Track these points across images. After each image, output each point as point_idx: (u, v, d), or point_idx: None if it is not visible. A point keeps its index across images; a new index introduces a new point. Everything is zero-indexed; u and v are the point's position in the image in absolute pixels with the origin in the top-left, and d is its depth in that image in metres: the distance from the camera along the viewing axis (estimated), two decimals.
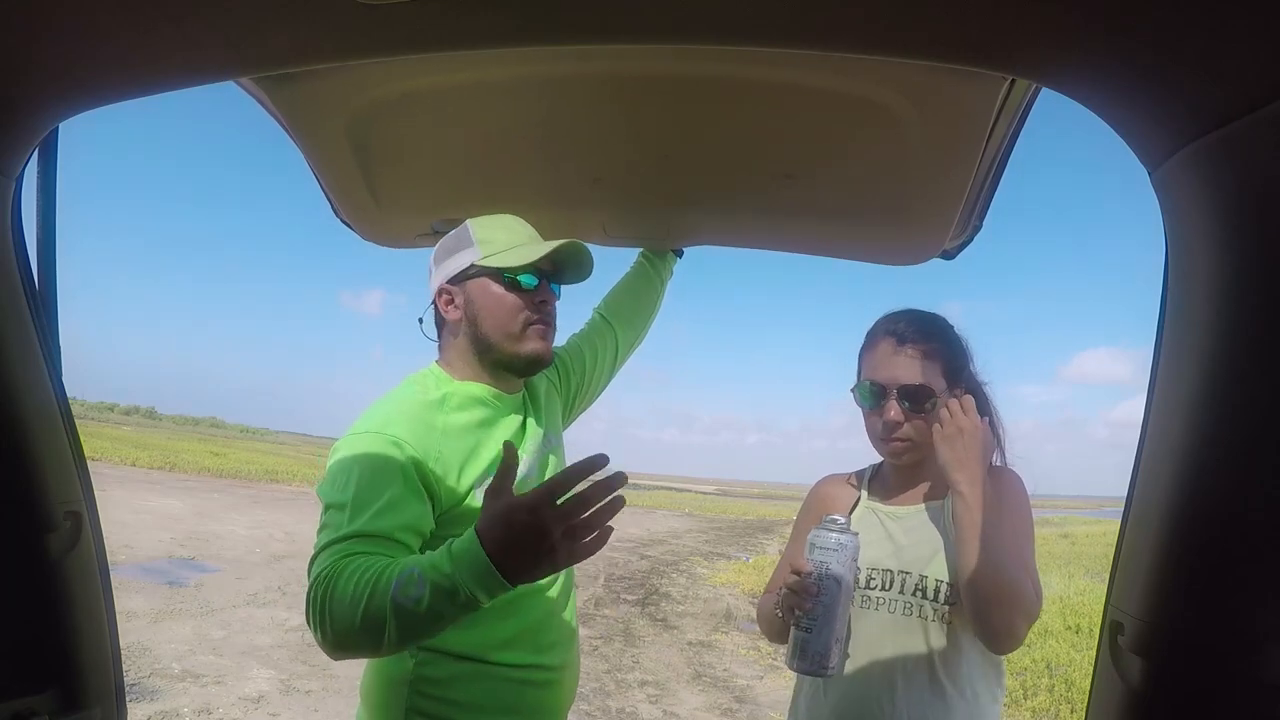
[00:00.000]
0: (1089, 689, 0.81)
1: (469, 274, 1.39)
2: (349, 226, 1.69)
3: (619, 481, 1.03)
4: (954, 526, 1.33)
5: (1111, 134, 0.74)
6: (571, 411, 1.68)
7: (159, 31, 0.76)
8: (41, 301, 1.00)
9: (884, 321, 1.48)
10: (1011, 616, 1.27)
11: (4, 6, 0.73)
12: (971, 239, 1.54)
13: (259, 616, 6.63)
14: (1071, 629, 7.59)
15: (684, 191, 1.54)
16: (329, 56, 0.84)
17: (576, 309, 1.70)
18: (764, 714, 5.53)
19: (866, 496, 1.52)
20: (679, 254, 1.87)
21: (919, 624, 1.38)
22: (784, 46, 0.76)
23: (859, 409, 1.49)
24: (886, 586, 1.41)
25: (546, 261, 1.39)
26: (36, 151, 0.94)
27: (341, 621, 1.08)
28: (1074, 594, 9.78)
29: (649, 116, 1.31)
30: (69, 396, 1.04)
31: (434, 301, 1.45)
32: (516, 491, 1.36)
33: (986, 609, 1.28)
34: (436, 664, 1.33)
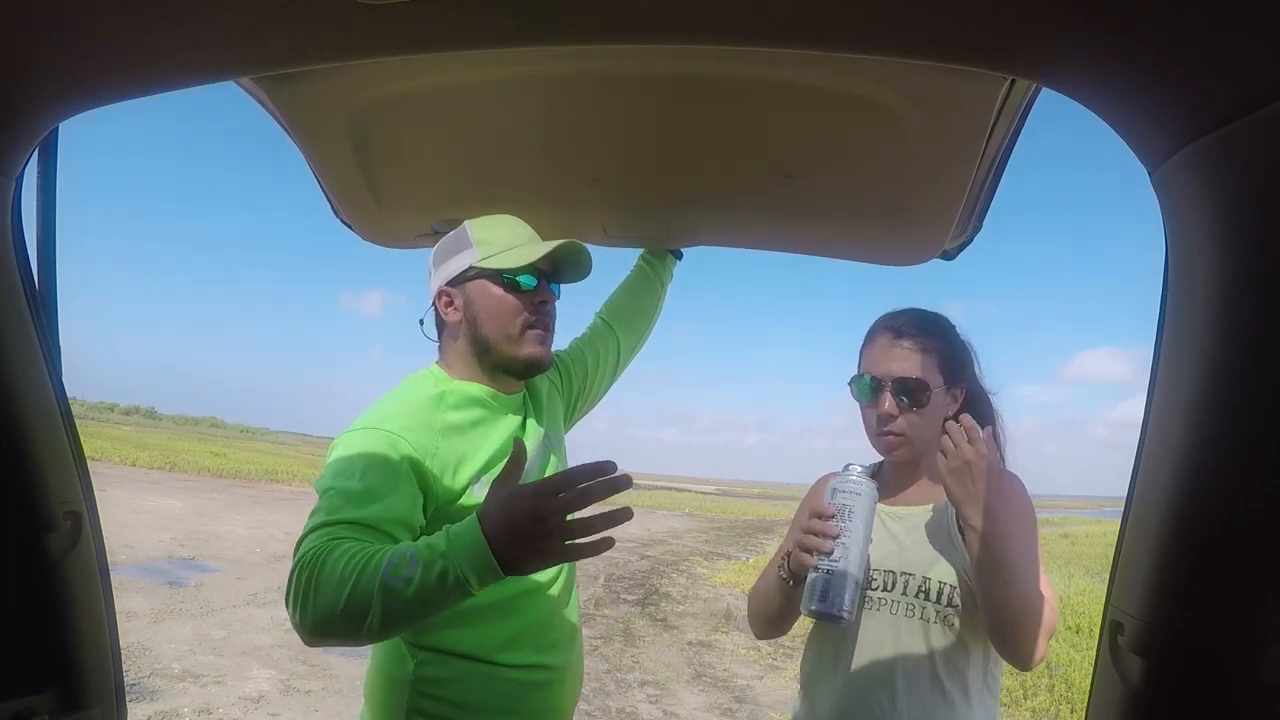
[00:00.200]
0: (1089, 689, 0.81)
1: (468, 275, 1.39)
2: (349, 227, 1.69)
3: (623, 483, 1.03)
4: (968, 559, 1.31)
5: (1111, 134, 0.74)
6: (573, 414, 1.69)
7: (159, 31, 0.76)
8: (41, 301, 1.00)
9: (884, 318, 1.48)
10: (1035, 636, 1.29)
11: (4, 6, 0.73)
12: (971, 239, 1.54)
13: (259, 616, 6.64)
14: (1071, 629, 7.59)
15: (684, 191, 1.54)
16: (329, 56, 0.84)
17: (578, 311, 1.69)
18: (764, 714, 5.53)
19: None
20: (678, 256, 1.87)
21: (921, 625, 1.38)
22: (784, 46, 0.76)
23: (859, 409, 1.48)
24: (889, 587, 1.41)
25: (545, 262, 1.38)
26: (36, 151, 0.94)
27: (325, 602, 1.06)
28: (1074, 594, 9.78)
29: (649, 116, 1.31)
30: (69, 396, 1.04)
31: (434, 303, 1.45)
32: None
33: (1012, 635, 1.29)
34: (438, 664, 1.33)
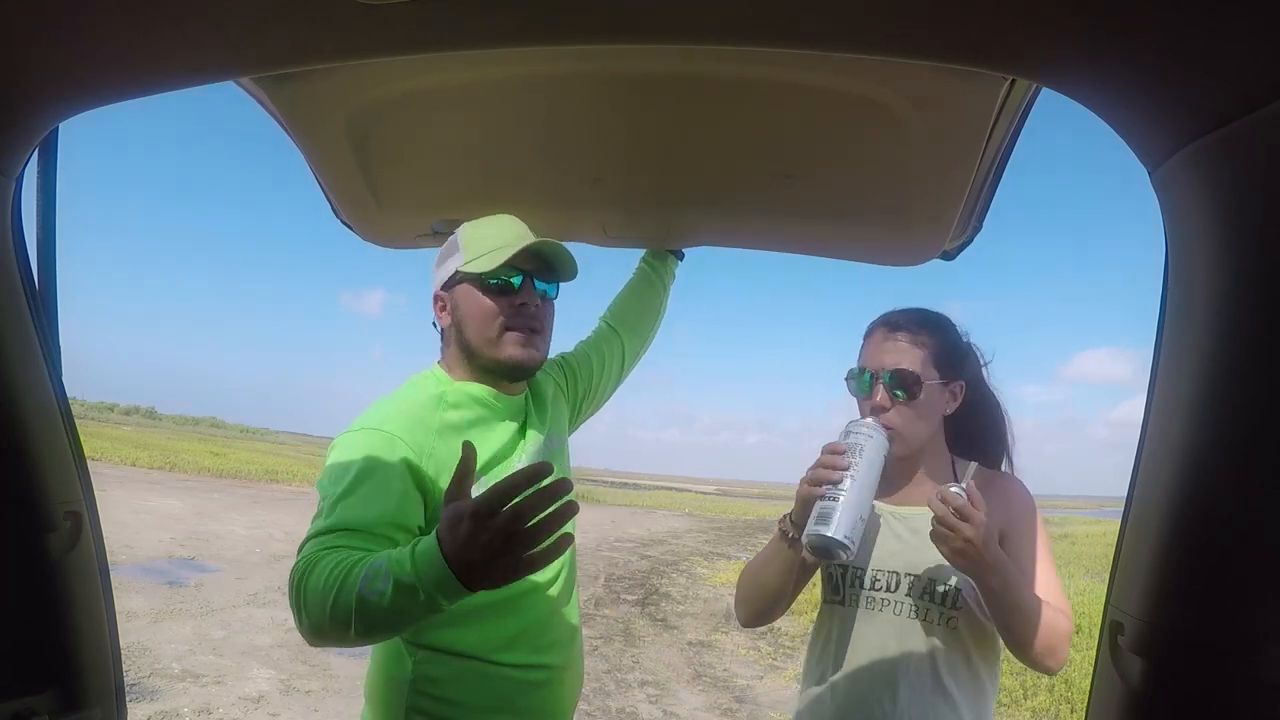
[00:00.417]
0: (1089, 689, 0.81)
1: (455, 280, 1.39)
2: (349, 227, 1.69)
3: (562, 489, 0.99)
4: (985, 603, 1.32)
5: (1111, 134, 0.74)
6: (579, 415, 1.69)
7: (159, 31, 0.76)
8: (41, 301, 1.00)
9: (882, 315, 1.48)
10: (1055, 648, 1.31)
11: (4, 6, 0.73)
12: (971, 239, 1.54)
13: (259, 616, 6.64)
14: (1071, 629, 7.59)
15: (684, 191, 1.54)
16: (329, 56, 0.84)
17: (581, 314, 1.69)
18: (764, 714, 5.53)
19: None
20: (680, 257, 1.87)
21: (924, 626, 1.38)
22: (784, 46, 0.76)
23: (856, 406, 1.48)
24: (892, 588, 1.40)
25: (528, 261, 1.37)
26: (36, 151, 0.94)
27: (314, 612, 1.09)
28: (1074, 594, 9.77)
29: (649, 116, 1.31)
30: (69, 396, 1.04)
31: (433, 307, 1.46)
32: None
33: (1034, 653, 1.31)
34: (437, 663, 1.33)
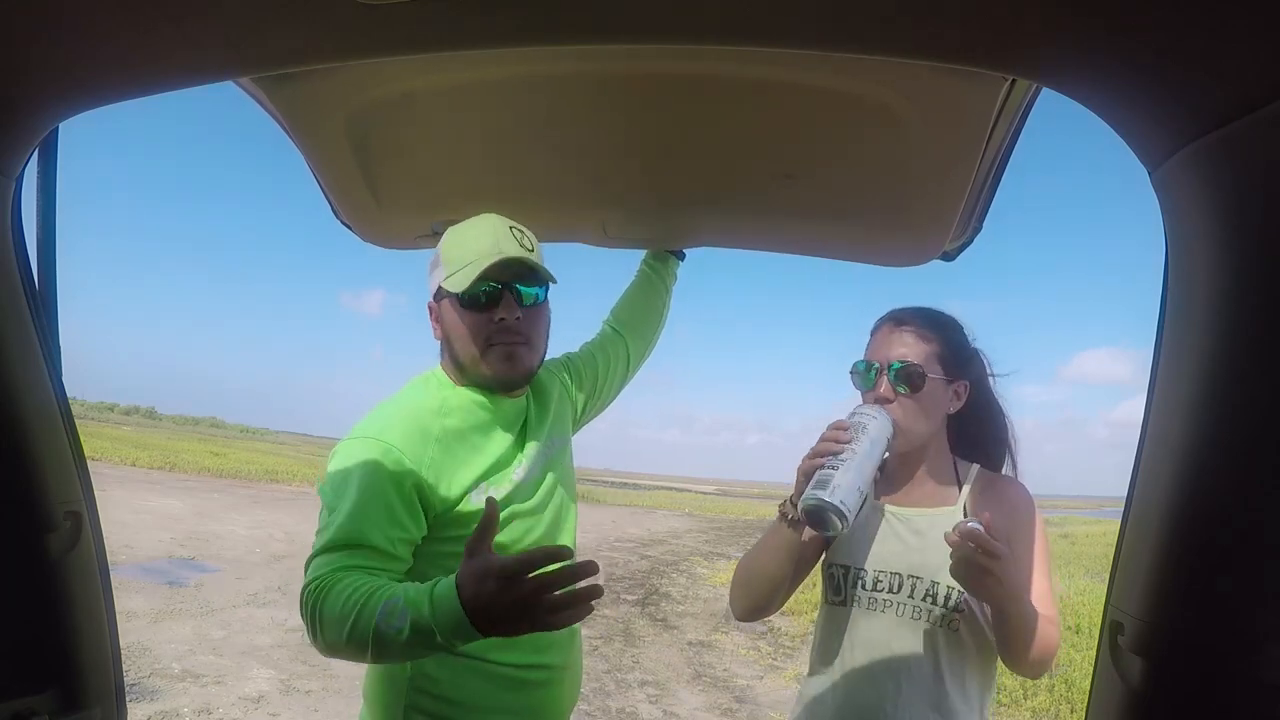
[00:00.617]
0: (1089, 689, 0.81)
1: (440, 294, 1.39)
2: (349, 228, 1.69)
3: (587, 570, 1.04)
4: (992, 620, 1.33)
5: (1111, 134, 0.74)
6: (583, 416, 1.69)
7: (159, 31, 0.76)
8: (41, 301, 1.00)
9: (890, 311, 1.49)
10: (1046, 659, 1.32)
11: (4, 6, 0.73)
12: (971, 240, 1.54)
13: (259, 616, 6.63)
14: (1071, 629, 7.58)
15: (685, 192, 1.54)
16: (329, 56, 0.84)
17: (581, 314, 1.69)
18: (764, 714, 5.53)
19: (873, 495, 1.50)
20: (681, 257, 1.87)
21: (926, 629, 1.38)
22: (784, 46, 0.76)
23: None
24: (895, 589, 1.40)
25: (503, 272, 1.32)
26: (36, 151, 0.94)
27: (330, 634, 1.13)
28: (1074, 594, 9.77)
29: (649, 116, 1.31)
30: (69, 396, 1.04)
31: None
32: (516, 495, 1.37)
33: (1026, 665, 1.32)
34: (436, 662, 1.33)
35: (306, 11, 0.72)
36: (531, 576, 1.03)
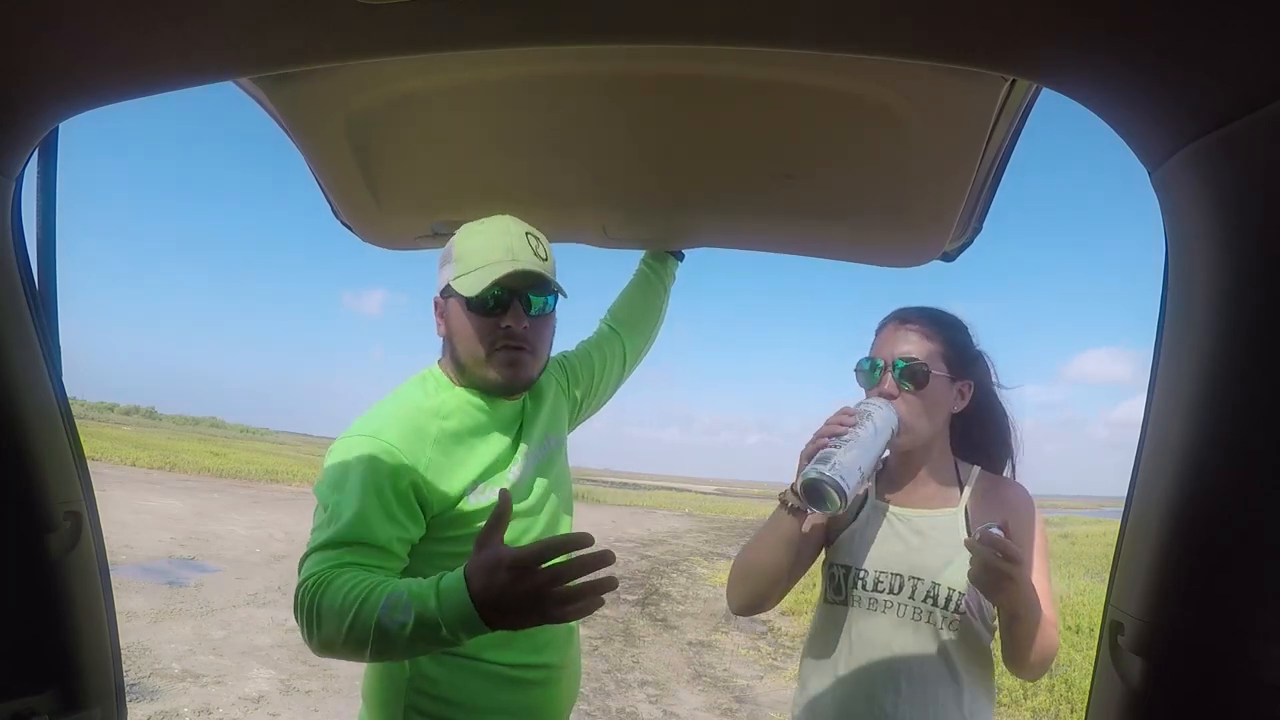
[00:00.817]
0: (1089, 689, 0.81)
1: (448, 293, 1.38)
2: (348, 228, 1.69)
3: (604, 559, 1.03)
4: (1001, 623, 1.34)
5: (1111, 134, 0.74)
6: (579, 415, 1.69)
7: (159, 31, 0.76)
8: (41, 301, 1.00)
9: (896, 310, 1.49)
10: (1046, 662, 1.34)
11: (4, 6, 0.73)
12: (972, 240, 1.54)
13: (259, 616, 6.63)
14: (1071, 629, 7.59)
15: (685, 192, 1.54)
16: (329, 56, 0.84)
17: (581, 314, 1.69)
18: (764, 714, 5.53)
19: (874, 495, 1.51)
20: (680, 258, 1.87)
21: (927, 629, 1.38)
22: (784, 46, 0.76)
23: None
24: (896, 590, 1.40)
25: (515, 280, 1.32)
26: (36, 151, 0.94)
27: (328, 629, 1.12)
28: (1074, 594, 9.77)
29: (649, 117, 1.31)
30: (69, 396, 1.04)
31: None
32: (513, 495, 1.37)
33: (1027, 667, 1.33)
34: (435, 663, 1.33)
35: (306, 11, 0.72)
36: (544, 567, 1.02)
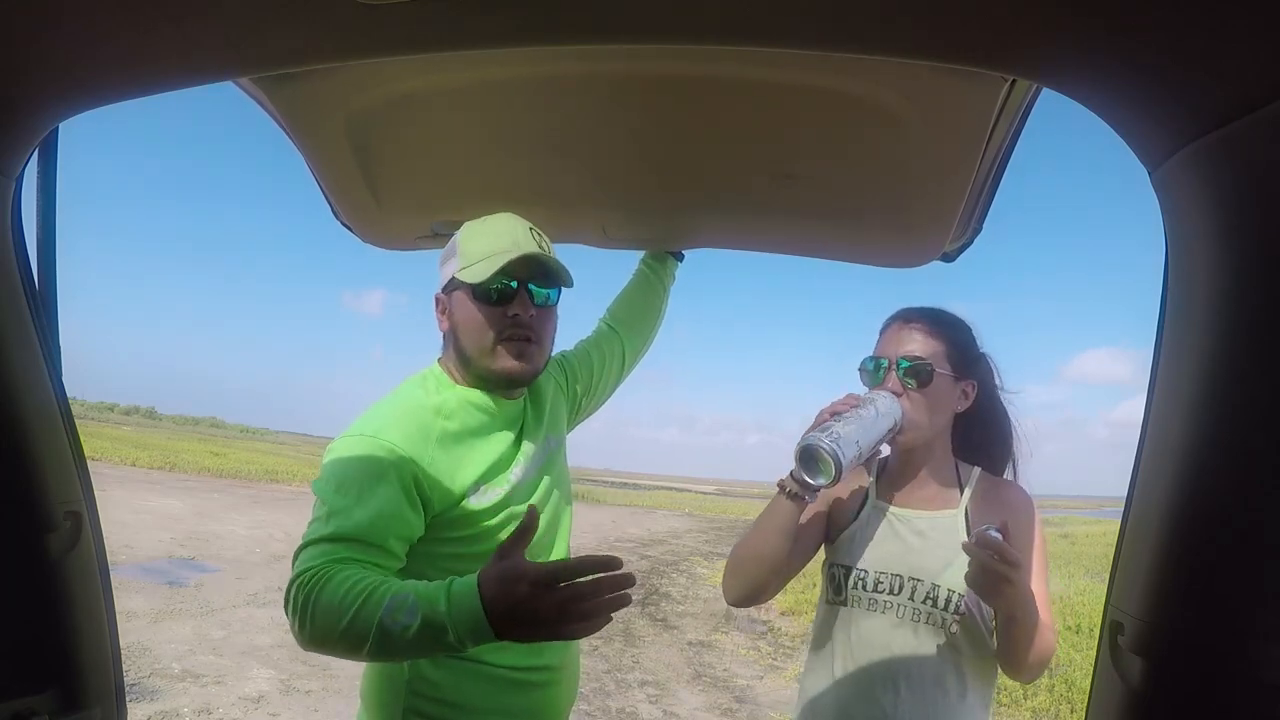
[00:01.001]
0: (1089, 689, 0.81)
1: (452, 285, 1.38)
2: (348, 228, 1.69)
3: (628, 581, 1.04)
4: (999, 626, 1.34)
5: (1111, 134, 0.74)
6: (578, 415, 1.69)
7: (159, 31, 0.76)
8: (41, 301, 1.00)
9: (900, 309, 1.50)
10: (1042, 665, 1.34)
11: (4, 6, 0.73)
12: (972, 241, 1.54)
13: (259, 616, 6.63)
14: (1071, 629, 7.59)
15: (685, 193, 1.54)
16: (329, 56, 0.84)
17: (581, 314, 1.69)
18: (764, 714, 5.53)
19: (874, 495, 1.51)
20: (679, 258, 1.87)
21: (927, 630, 1.38)
22: (784, 46, 0.76)
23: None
24: (895, 591, 1.40)
25: (522, 269, 1.34)
26: (36, 151, 0.94)
27: (323, 624, 1.10)
28: (1074, 594, 9.76)
29: (649, 117, 1.31)
30: (69, 396, 1.04)
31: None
32: (514, 496, 1.37)
33: (1024, 671, 1.34)
34: (433, 665, 1.33)
35: (306, 11, 0.72)
36: (564, 585, 1.02)
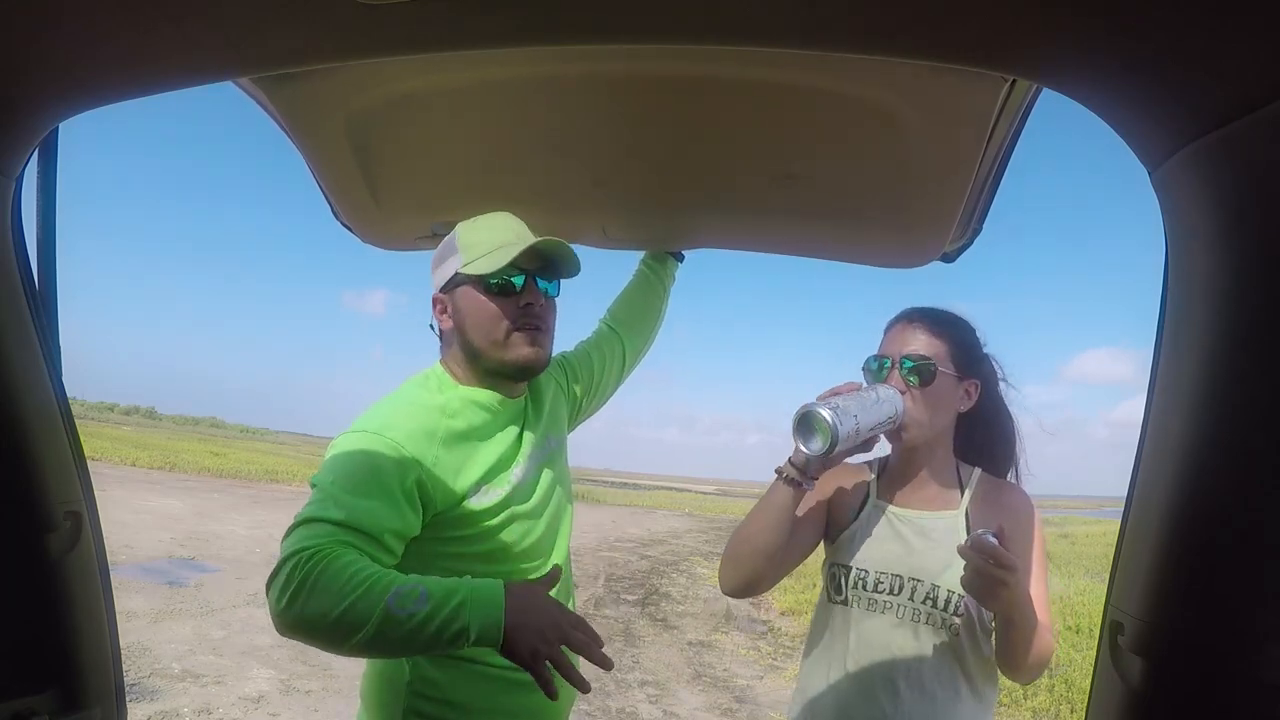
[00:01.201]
0: (1089, 689, 0.81)
1: (455, 282, 1.38)
2: (348, 229, 1.69)
3: (606, 665, 1.19)
4: (997, 629, 1.34)
5: (1111, 134, 0.74)
6: (579, 415, 1.69)
7: (159, 31, 0.76)
8: (41, 301, 1.00)
9: (904, 309, 1.50)
10: (1040, 667, 1.35)
11: (4, 6, 0.73)
12: (972, 241, 1.54)
13: (259, 616, 6.63)
14: (1071, 629, 7.59)
15: (684, 193, 1.54)
16: (329, 56, 0.84)
17: (581, 314, 1.69)
18: (764, 714, 5.53)
19: (875, 495, 1.51)
20: (680, 259, 1.87)
21: (927, 630, 1.38)
22: (784, 46, 0.76)
23: None
24: (895, 591, 1.40)
25: (531, 260, 1.36)
26: (36, 151, 0.94)
27: (317, 605, 1.07)
28: (1074, 594, 9.76)
29: (649, 118, 1.31)
30: (69, 396, 1.04)
31: (432, 309, 1.45)
32: (515, 496, 1.37)
33: (1022, 672, 1.34)
34: (434, 665, 1.33)
35: (306, 11, 0.72)
36: (580, 631, 1.16)
